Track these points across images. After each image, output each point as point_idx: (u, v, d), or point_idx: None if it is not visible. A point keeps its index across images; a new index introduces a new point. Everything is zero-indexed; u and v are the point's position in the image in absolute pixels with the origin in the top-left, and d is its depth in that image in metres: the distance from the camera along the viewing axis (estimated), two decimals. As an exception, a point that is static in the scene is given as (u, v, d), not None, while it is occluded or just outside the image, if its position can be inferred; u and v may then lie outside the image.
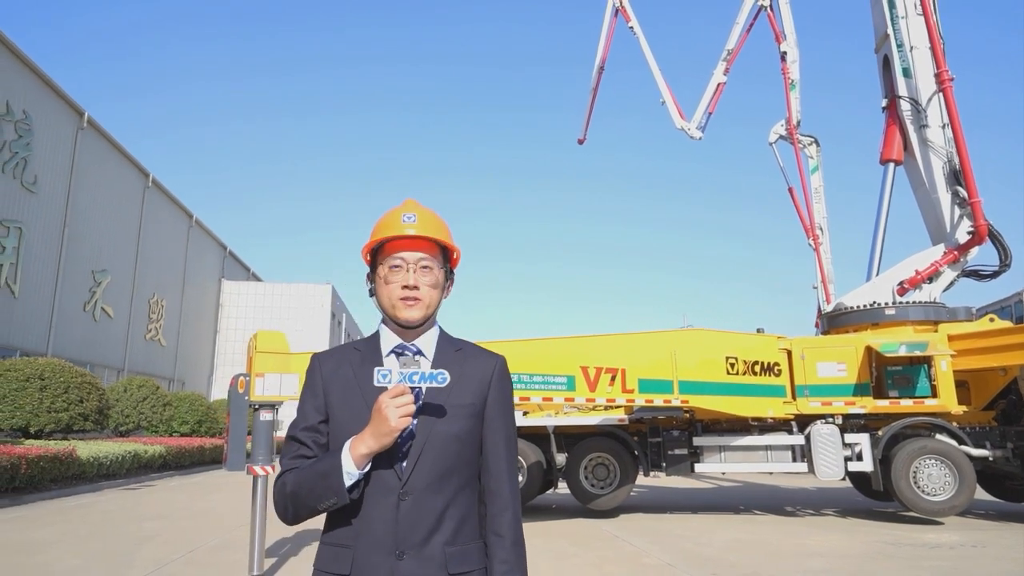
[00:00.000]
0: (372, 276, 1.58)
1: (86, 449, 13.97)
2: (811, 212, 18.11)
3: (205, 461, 20.50)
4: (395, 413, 1.31)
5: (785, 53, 17.16)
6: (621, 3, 18.65)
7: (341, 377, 1.50)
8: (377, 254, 1.57)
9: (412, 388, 1.36)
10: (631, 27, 18.43)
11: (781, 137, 18.74)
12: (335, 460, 1.36)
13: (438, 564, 1.38)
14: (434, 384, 1.37)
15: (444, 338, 1.58)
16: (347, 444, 1.36)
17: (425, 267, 1.52)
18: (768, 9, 16.90)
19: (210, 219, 43.77)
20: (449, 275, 1.60)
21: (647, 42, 18.27)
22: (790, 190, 18.66)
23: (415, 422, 1.42)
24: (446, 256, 1.59)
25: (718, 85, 17.91)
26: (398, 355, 1.51)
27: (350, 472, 1.34)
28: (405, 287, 1.49)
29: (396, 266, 1.51)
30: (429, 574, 1.37)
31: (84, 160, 25.32)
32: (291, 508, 1.42)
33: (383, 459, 1.40)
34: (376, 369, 1.39)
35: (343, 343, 1.68)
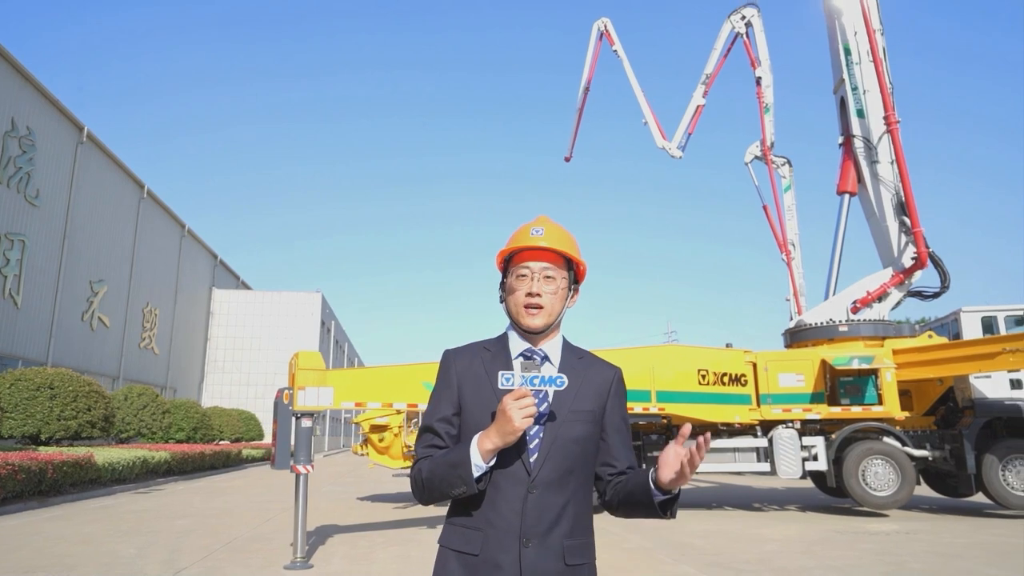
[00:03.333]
0: (503, 284, 1.70)
1: (101, 455, 14.80)
2: (784, 228, 19.46)
3: (206, 467, 21.30)
4: (518, 414, 1.41)
5: (760, 78, 18.45)
6: (605, 27, 19.88)
7: (473, 373, 1.61)
8: (508, 265, 1.69)
9: (534, 390, 1.47)
10: (615, 50, 19.63)
11: (756, 157, 20.10)
12: (465, 453, 1.47)
13: (557, 555, 1.48)
14: (553, 387, 1.48)
15: (567, 346, 1.69)
16: (475, 439, 1.48)
17: (548, 276, 1.62)
18: (744, 36, 18.21)
19: (200, 228, 44.54)
20: (574, 286, 1.69)
21: (630, 65, 19.54)
22: (764, 207, 20.00)
23: (538, 424, 1.54)
24: (571, 268, 1.68)
25: (697, 107, 19.12)
26: (526, 358, 1.61)
27: (478, 465, 1.46)
28: (528, 294, 1.60)
29: (522, 275, 1.63)
30: (549, 563, 1.47)
31: (83, 173, 26.01)
32: (426, 492, 1.55)
33: (516, 454, 1.51)
34: (500, 373, 1.50)
35: (473, 341, 1.75)
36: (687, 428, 1.45)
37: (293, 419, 6.80)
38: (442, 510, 11.61)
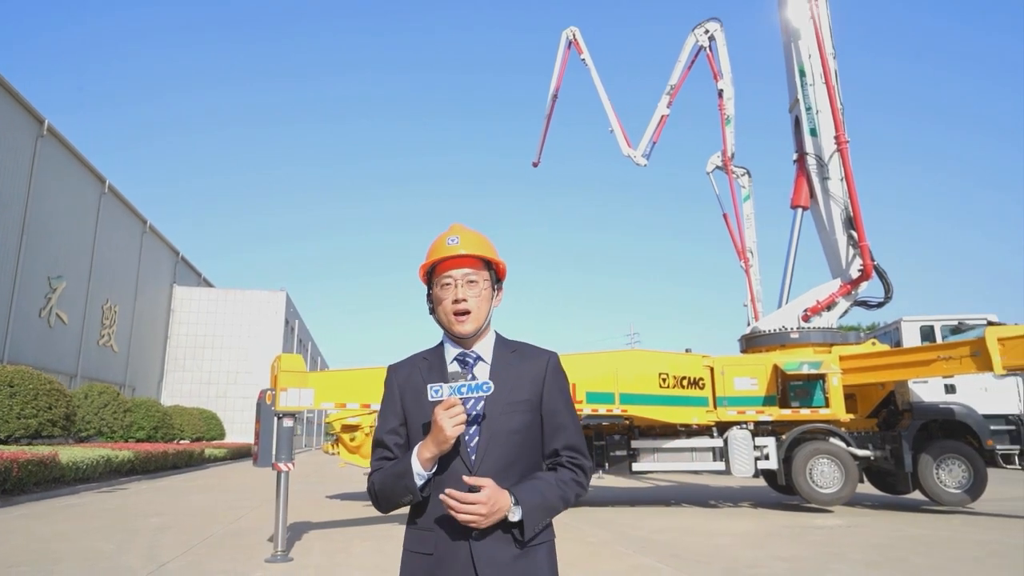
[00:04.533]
0: (430, 296, 1.75)
1: (64, 454, 14.67)
2: (743, 237, 20.19)
3: (168, 466, 21.13)
4: (449, 423, 1.49)
5: (722, 90, 19.16)
6: (574, 36, 20.39)
7: (413, 384, 1.69)
8: (432, 277, 1.75)
9: (463, 398, 1.54)
10: (583, 59, 20.12)
11: (717, 167, 20.78)
12: (407, 463, 1.56)
13: (507, 541, 1.56)
14: (480, 394, 1.55)
15: (500, 342, 1.75)
16: (415, 449, 1.57)
17: (471, 281, 1.68)
18: (707, 50, 18.91)
19: (163, 225, 43.73)
20: (497, 286, 1.77)
21: (598, 74, 20.06)
22: (724, 216, 20.73)
23: (475, 424, 1.61)
24: (492, 270, 1.76)
25: (662, 117, 19.74)
26: (460, 362, 1.69)
27: (419, 473, 1.55)
28: (455, 301, 1.66)
29: (446, 284, 1.69)
30: (501, 550, 1.54)
31: (43, 167, 25.48)
32: (381, 502, 1.64)
33: (456, 455, 1.59)
34: (429, 386, 1.56)
35: (413, 353, 1.79)
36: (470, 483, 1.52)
37: (275, 419, 7.08)
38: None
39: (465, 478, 1.52)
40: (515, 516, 1.53)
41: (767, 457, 11.78)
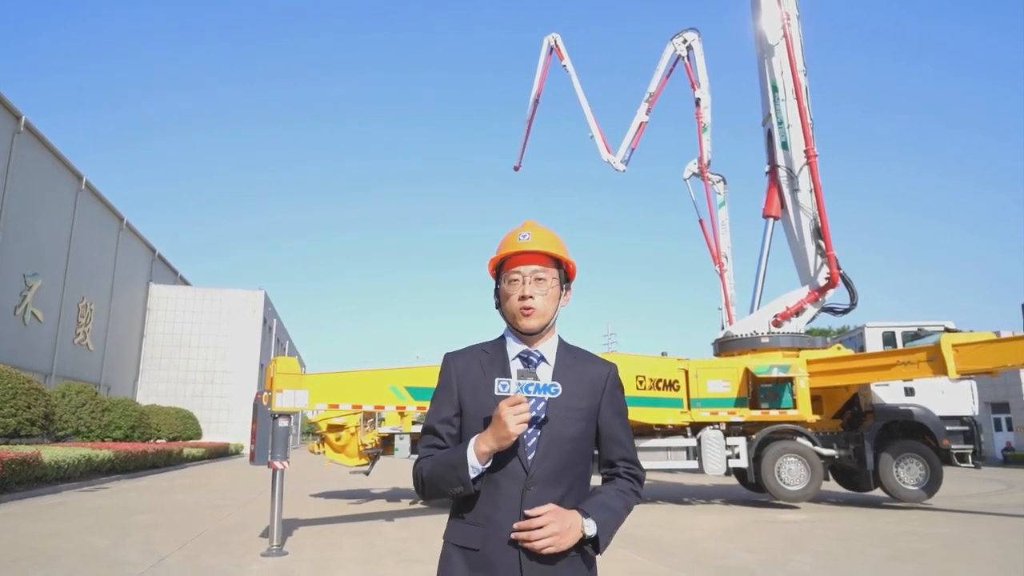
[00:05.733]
0: (497, 291, 1.73)
1: (47, 453, 14.70)
2: (718, 242, 20.75)
3: (147, 466, 21.12)
4: (513, 420, 1.47)
5: (699, 99, 19.71)
6: (555, 42, 20.81)
7: (471, 375, 1.66)
8: (500, 271, 1.73)
9: (528, 397, 1.51)
10: (564, 65, 20.55)
11: (694, 174, 21.32)
12: (462, 454, 1.54)
13: None
14: (547, 395, 1.53)
15: (563, 346, 1.73)
16: (472, 441, 1.54)
17: (539, 278, 1.66)
18: (685, 59, 19.44)
19: (140, 223, 43.12)
20: (565, 286, 1.73)
21: (578, 80, 20.50)
22: (700, 221, 21.28)
23: (533, 426, 1.58)
24: (561, 268, 1.72)
25: (640, 124, 20.24)
26: (523, 359, 1.66)
27: (474, 466, 1.52)
28: (521, 297, 1.64)
29: (514, 280, 1.67)
30: (550, 555, 1.50)
31: (19, 163, 25.20)
32: (427, 490, 1.62)
33: (513, 454, 1.56)
34: (496, 380, 1.53)
35: (472, 344, 1.77)
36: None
37: (271, 419, 7.37)
38: (396, 506, 12.28)
39: (527, 511, 1.53)
40: (591, 530, 1.54)
41: (738, 456, 12.33)
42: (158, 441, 28.22)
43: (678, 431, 12.65)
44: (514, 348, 1.69)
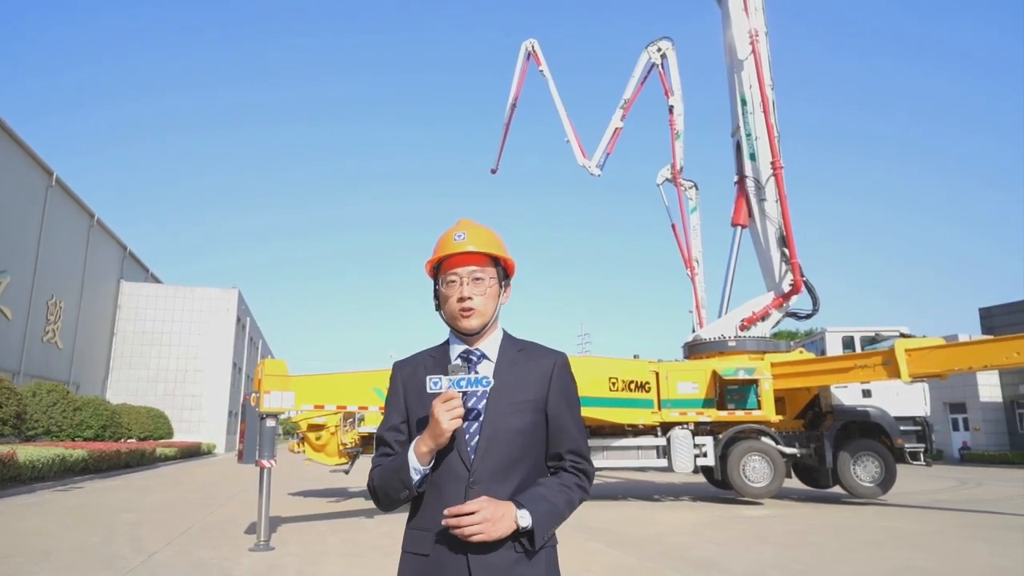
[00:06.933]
0: (436, 292, 1.71)
1: (21, 453, 14.65)
2: (689, 246, 21.31)
3: (121, 465, 21.02)
4: (445, 416, 1.47)
5: (672, 106, 20.24)
6: (533, 48, 21.19)
7: (416, 381, 1.64)
8: (437, 273, 1.70)
9: (462, 392, 1.51)
10: (541, 70, 20.93)
11: (667, 179, 21.86)
12: (404, 458, 1.54)
13: (506, 544, 1.49)
14: (479, 388, 1.52)
15: (507, 340, 1.71)
16: (413, 443, 1.54)
17: (477, 279, 1.64)
18: (659, 67, 19.95)
19: (112, 220, 42.31)
20: (505, 283, 1.72)
21: (555, 85, 20.90)
22: (673, 226, 21.83)
23: (475, 421, 1.57)
24: (500, 266, 1.71)
25: (615, 129, 20.69)
26: (464, 359, 1.65)
27: (416, 468, 1.52)
28: (460, 299, 1.62)
29: (451, 281, 1.65)
30: (501, 554, 1.48)
31: (-12, 159, 24.83)
32: (379, 499, 1.61)
33: (454, 453, 1.55)
34: (428, 378, 1.53)
35: (419, 350, 1.76)
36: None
37: (259, 420, 7.64)
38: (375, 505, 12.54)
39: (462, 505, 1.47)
40: (525, 521, 1.47)
41: (705, 455, 12.87)
42: (129, 441, 28.00)
43: (648, 431, 13.15)
44: (456, 349, 1.68)
